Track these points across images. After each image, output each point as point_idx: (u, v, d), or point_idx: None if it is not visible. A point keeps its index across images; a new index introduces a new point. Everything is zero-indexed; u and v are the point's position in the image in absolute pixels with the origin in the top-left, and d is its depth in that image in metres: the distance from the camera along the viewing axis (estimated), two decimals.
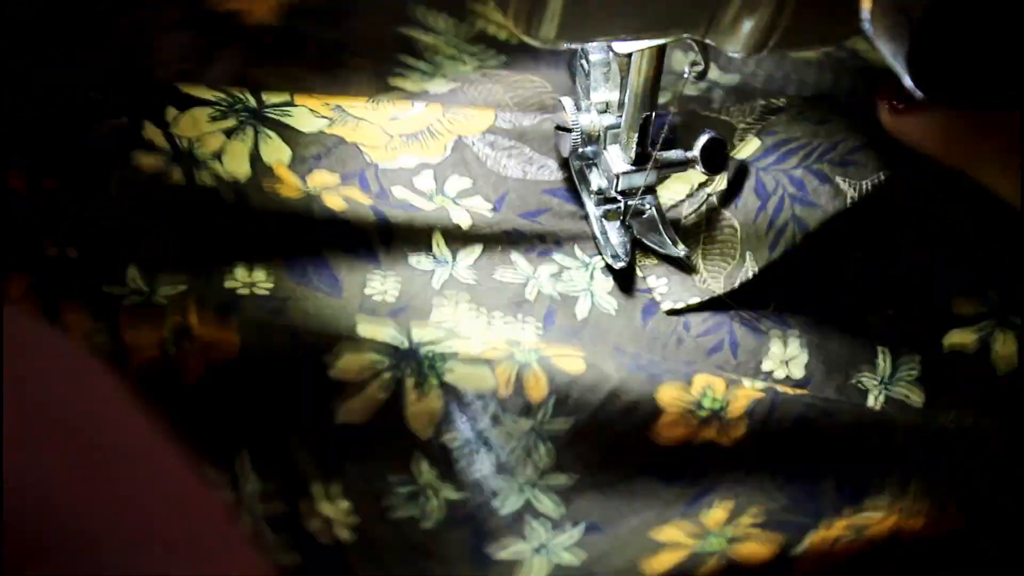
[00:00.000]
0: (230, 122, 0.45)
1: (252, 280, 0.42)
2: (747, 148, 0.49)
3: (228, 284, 0.41)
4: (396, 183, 0.46)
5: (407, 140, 0.47)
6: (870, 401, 0.44)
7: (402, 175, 0.46)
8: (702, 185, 0.50)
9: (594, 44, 0.46)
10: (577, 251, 0.47)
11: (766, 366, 0.45)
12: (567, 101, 0.47)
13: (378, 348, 0.39)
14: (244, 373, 0.38)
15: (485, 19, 0.51)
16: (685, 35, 0.38)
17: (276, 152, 0.45)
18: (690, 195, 0.50)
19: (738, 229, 0.48)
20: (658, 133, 0.46)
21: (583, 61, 0.46)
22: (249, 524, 0.36)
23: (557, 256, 0.46)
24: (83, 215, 0.41)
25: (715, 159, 0.46)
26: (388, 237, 0.44)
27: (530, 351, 0.40)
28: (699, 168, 0.46)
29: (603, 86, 0.46)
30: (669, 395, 0.41)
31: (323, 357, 0.39)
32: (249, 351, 0.38)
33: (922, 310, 0.46)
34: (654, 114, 0.45)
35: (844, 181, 0.46)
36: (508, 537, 0.38)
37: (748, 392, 0.41)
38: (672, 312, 0.46)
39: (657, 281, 0.47)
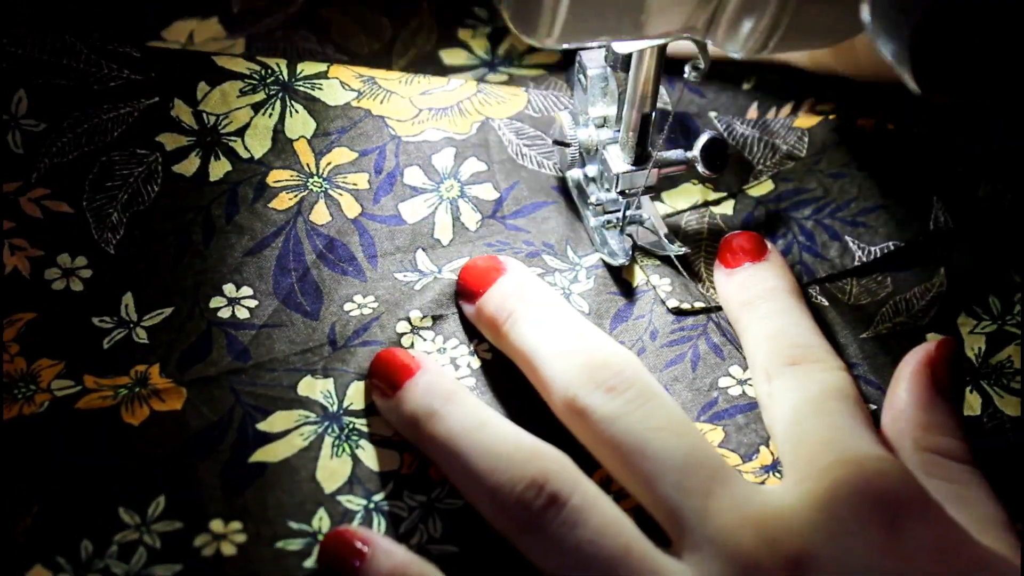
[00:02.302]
0: (259, 96, 0.46)
1: (239, 296, 0.43)
2: (761, 188, 0.49)
3: (214, 303, 0.43)
4: (413, 162, 0.46)
5: (435, 114, 0.48)
6: None
7: (423, 149, 0.47)
8: (707, 204, 0.49)
9: (591, 58, 0.45)
10: (569, 252, 0.47)
11: (723, 383, 0.44)
12: (564, 115, 0.46)
13: (309, 404, 0.41)
14: (180, 423, 0.40)
15: None
16: (685, 36, 0.37)
17: (300, 127, 0.46)
18: (693, 208, 0.49)
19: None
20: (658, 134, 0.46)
21: (580, 76, 0.46)
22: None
23: (547, 258, 0.46)
24: (90, 243, 0.43)
25: (715, 159, 0.45)
26: (373, 253, 0.45)
27: None
28: (699, 167, 0.45)
29: (600, 100, 0.46)
30: None
31: (257, 419, 0.40)
32: (192, 407, 0.40)
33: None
34: (654, 114, 0.44)
35: (854, 242, 0.47)
36: None
37: None
38: (677, 311, 0.46)
39: (660, 280, 0.47)
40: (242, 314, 0.43)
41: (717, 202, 0.49)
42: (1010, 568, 0.35)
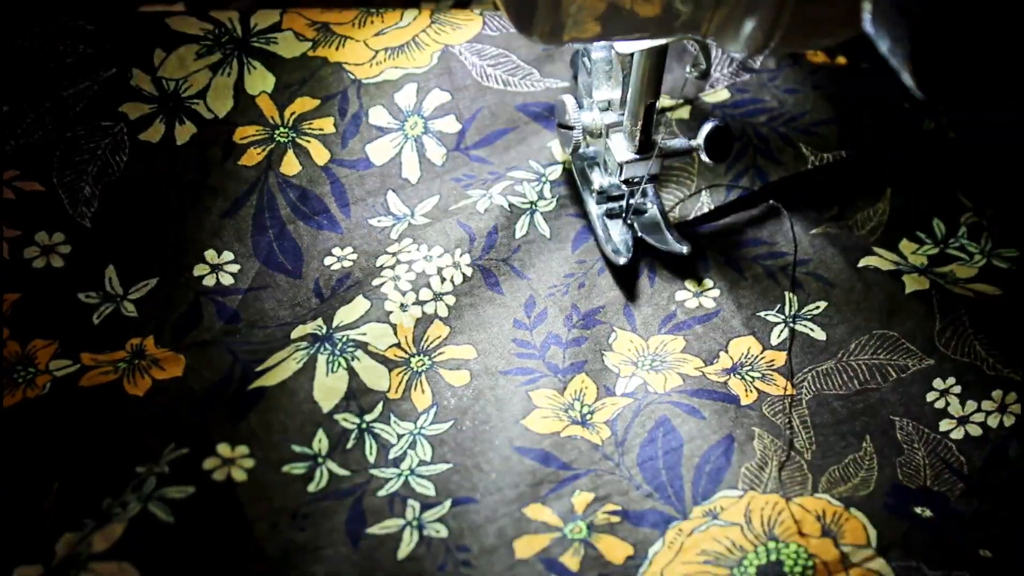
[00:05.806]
0: (215, 56, 0.46)
1: (220, 262, 0.44)
2: (717, 96, 0.51)
3: (197, 271, 0.44)
4: (377, 101, 0.47)
5: (392, 54, 0.48)
6: (774, 335, 0.45)
7: (385, 89, 0.47)
8: (664, 111, 0.50)
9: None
10: (532, 163, 0.48)
11: (679, 296, 0.46)
12: (568, 99, 0.46)
13: (301, 338, 0.42)
14: (183, 388, 0.41)
15: None
16: (686, 35, 0.37)
17: (260, 82, 0.46)
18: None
19: (696, 159, 0.49)
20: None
21: (585, 59, 0.45)
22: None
23: (513, 174, 0.47)
24: (66, 219, 0.43)
25: (719, 148, 0.45)
26: (345, 201, 0.46)
27: (425, 360, 0.42)
28: (703, 156, 0.45)
29: (605, 84, 0.45)
30: (543, 396, 0.42)
31: (255, 366, 0.41)
32: (192, 371, 0.41)
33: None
34: (657, 103, 0.44)
35: (806, 148, 0.49)
36: (385, 517, 0.39)
37: (616, 401, 0.43)
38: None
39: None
40: (226, 280, 0.44)
41: (673, 108, 0.50)
42: None
